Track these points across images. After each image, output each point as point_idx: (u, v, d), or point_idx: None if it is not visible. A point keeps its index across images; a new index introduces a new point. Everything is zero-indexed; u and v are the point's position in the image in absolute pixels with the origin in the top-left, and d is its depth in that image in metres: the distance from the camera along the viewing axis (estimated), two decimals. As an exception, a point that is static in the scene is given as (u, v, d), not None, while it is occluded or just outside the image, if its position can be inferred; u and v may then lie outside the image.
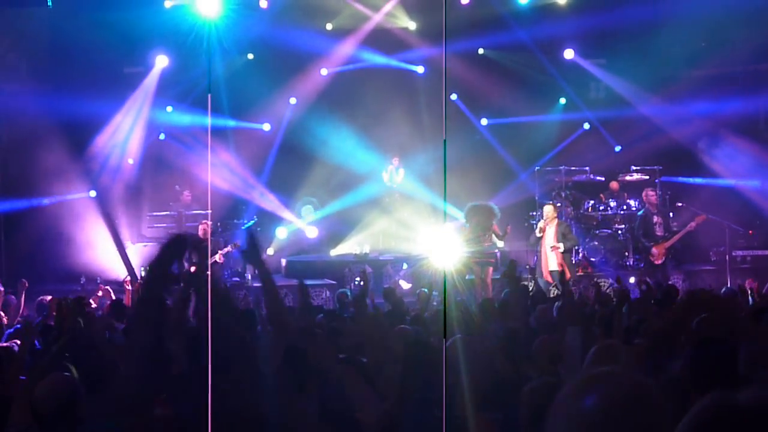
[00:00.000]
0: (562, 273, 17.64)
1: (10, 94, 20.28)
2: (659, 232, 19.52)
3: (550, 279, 18.16)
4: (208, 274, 5.68)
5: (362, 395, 6.56)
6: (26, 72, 21.29)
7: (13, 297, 14.29)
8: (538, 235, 18.69)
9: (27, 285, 14.13)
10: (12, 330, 11.00)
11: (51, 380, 5.88)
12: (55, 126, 20.54)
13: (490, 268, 18.65)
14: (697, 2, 21.03)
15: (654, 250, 19.39)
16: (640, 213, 20.34)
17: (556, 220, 18.78)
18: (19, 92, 20.46)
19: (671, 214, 21.36)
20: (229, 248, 19.32)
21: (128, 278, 17.43)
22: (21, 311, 13.77)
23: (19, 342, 9.71)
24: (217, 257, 19.01)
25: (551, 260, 18.42)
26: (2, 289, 14.36)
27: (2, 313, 13.46)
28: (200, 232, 19.46)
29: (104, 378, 6.48)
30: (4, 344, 9.79)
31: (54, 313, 10.35)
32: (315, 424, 5.87)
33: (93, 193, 22.08)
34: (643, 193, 20.91)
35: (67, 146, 21.44)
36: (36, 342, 9.33)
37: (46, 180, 21.25)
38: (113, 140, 22.49)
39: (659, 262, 19.36)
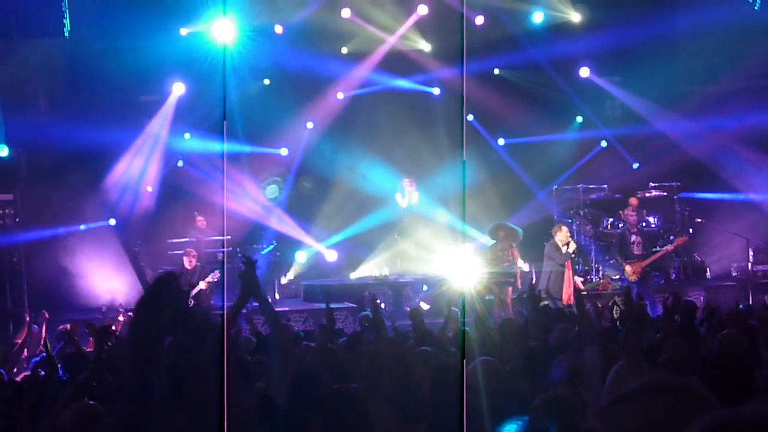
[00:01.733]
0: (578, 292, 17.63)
1: (28, 124, 20.39)
2: (637, 251, 19.37)
3: (571, 301, 18.09)
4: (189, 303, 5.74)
5: (383, 418, 6.56)
6: (44, 102, 21.43)
7: (35, 326, 14.34)
8: (572, 254, 18.55)
9: (47, 316, 14.18)
10: (38, 358, 11.05)
11: (76, 409, 5.91)
12: (74, 155, 20.64)
13: (510, 288, 18.64)
14: (712, 18, 21.01)
15: (628, 267, 19.26)
16: (619, 231, 20.26)
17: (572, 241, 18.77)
18: (37, 123, 20.58)
19: (690, 230, 21.32)
20: (212, 277, 19.35)
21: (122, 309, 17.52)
22: (42, 341, 13.81)
23: (43, 372, 9.78)
24: (202, 285, 19.04)
25: (572, 281, 18.37)
26: (28, 318, 14.42)
27: (25, 342, 13.54)
28: (186, 263, 19.52)
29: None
30: (29, 373, 9.85)
31: (74, 338, 10.38)
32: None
33: (112, 222, 22.17)
34: (622, 212, 20.91)
35: (86, 175, 21.55)
36: (60, 370, 9.37)
37: (66, 209, 21.35)
38: (131, 168, 22.57)
39: (633, 279, 19.19)
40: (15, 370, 12.05)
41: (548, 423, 5.11)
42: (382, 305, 20.69)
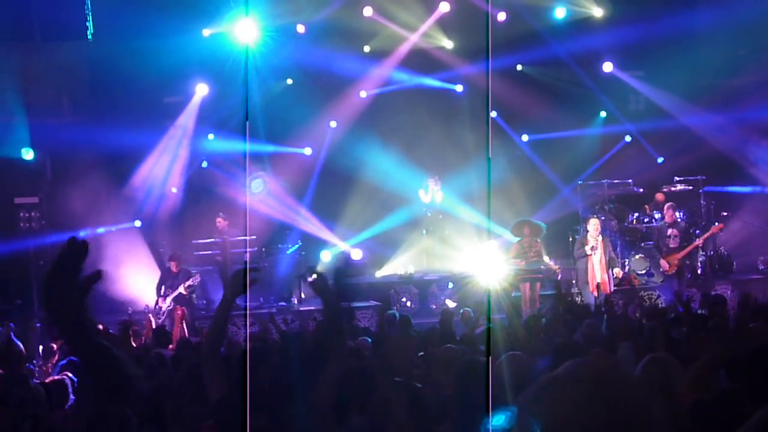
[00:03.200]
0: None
1: (52, 127, 20.47)
2: (673, 244, 19.32)
3: (596, 292, 18.08)
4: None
5: (412, 417, 6.55)
6: (68, 105, 21.49)
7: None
8: (589, 252, 18.52)
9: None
10: (65, 362, 11.08)
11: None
12: (98, 158, 20.73)
13: (538, 284, 18.66)
14: (735, 10, 20.90)
15: (662, 261, 19.23)
16: (657, 226, 20.22)
17: (601, 236, 18.71)
18: (61, 125, 20.65)
19: (716, 223, 21.27)
20: (192, 281, 19.38)
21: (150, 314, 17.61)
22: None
23: (70, 374, 9.81)
24: (182, 289, 19.06)
25: (597, 273, 18.33)
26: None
27: (54, 345, 13.59)
28: (172, 267, 19.55)
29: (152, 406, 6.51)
30: (57, 377, 9.88)
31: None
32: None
33: (138, 223, 22.25)
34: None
35: (111, 177, 21.63)
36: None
37: (91, 211, 21.40)
38: (156, 170, 22.64)
39: (671, 272, 19.18)
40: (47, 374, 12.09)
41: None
42: (408, 303, 20.70)
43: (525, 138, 24.86)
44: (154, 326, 15.37)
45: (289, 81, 23.72)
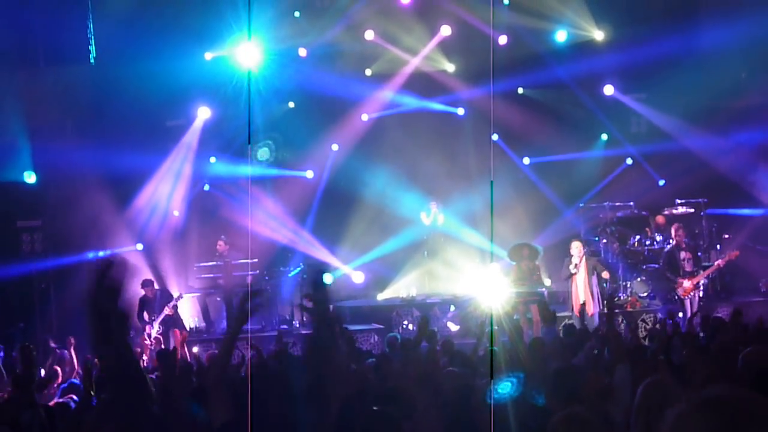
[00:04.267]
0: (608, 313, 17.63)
1: (55, 150, 20.50)
2: (688, 267, 19.32)
3: (577, 313, 18.25)
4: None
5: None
6: (71, 128, 21.53)
7: (66, 353, 14.40)
8: (573, 271, 18.62)
9: (74, 341, 14.25)
10: (66, 385, 11.09)
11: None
12: (101, 180, 20.74)
13: (536, 306, 18.69)
14: (737, 33, 20.95)
15: (686, 283, 19.19)
16: (666, 250, 20.16)
17: (583, 257, 18.74)
18: (64, 149, 20.68)
19: (718, 246, 21.30)
20: (175, 300, 19.36)
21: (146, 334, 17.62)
22: (76, 367, 13.89)
23: (74, 397, 9.83)
24: (167, 310, 19.03)
25: (581, 294, 18.43)
26: (54, 344, 14.48)
27: (58, 369, 13.61)
28: (147, 293, 19.49)
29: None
30: (60, 400, 9.90)
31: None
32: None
33: (140, 246, 22.26)
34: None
35: (113, 200, 21.63)
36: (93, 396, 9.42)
37: (93, 234, 21.43)
38: (158, 193, 22.67)
39: (686, 296, 19.16)
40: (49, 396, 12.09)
41: None
42: (410, 326, 20.69)
43: (527, 161, 24.86)
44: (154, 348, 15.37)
45: (291, 104, 23.79)
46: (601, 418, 6.24)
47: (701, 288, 19.52)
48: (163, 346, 17.94)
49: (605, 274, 19.10)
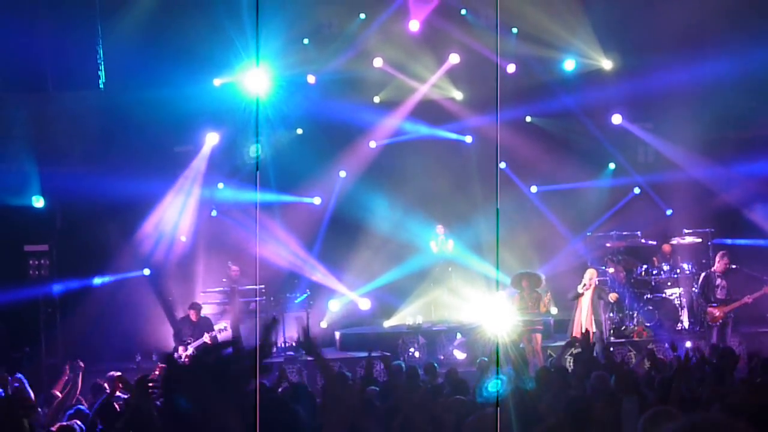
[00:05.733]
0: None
1: (63, 175, 20.53)
2: (721, 295, 19.33)
3: (578, 335, 18.24)
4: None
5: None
6: (79, 153, 21.56)
7: (70, 376, 14.36)
8: (580, 291, 18.60)
9: (83, 365, 14.24)
10: (72, 411, 11.07)
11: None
12: (108, 206, 20.73)
13: (539, 336, 18.69)
14: (745, 63, 20.96)
15: (712, 311, 19.19)
16: (704, 273, 20.16)
17: (594, 285, 18.70)
18: (72, 173, 20.70)
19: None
20: (216, 332, 19.37)
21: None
22: (78, 391, 13.85)
23: (79, 422, 9.80)
24: (206, 338, 19.02)
25: (584, 322, 18.37)
26: (68, 369, 14.44)
27: (59, 393, 13.57)
28: (192, 316, 19.55)
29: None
30: (65, 423, 9.87)
31: (117, 390, 10.45)
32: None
33: (147, 272, 22.27)
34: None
35: (121, 225, 21.66)
36: (98, 423, 9.40)
37: (101, 259, 21.46)
38: (166, 218, 22.69)
39: (716, 324, 19.16)
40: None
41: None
42: (416, 354, 20.66)
43: (534, 189, 24.85)
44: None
45: (299, 131, 23.83)
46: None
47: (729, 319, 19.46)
48: None
49: (612, 296, 19.09)
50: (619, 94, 23.35)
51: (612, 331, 20.09)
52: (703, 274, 20.13)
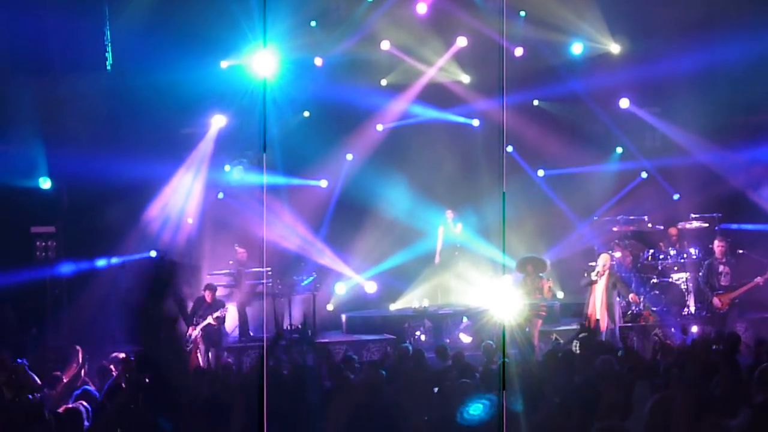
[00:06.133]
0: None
1: (70, 157, 20.51)
2: (724, 281, 19.30)
3: (592, 325, 18.17)
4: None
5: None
6: (86, 135, 21.54)
7: (77, 359, 14.39)
8: (593, 278, 18.56)
9: (79, 349, 14.27)
10: (80, 391, 11.10)
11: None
12: (115, 188, 20.70)
13: (539, 321, 18.63)
14: (754, 48, 20.90)
15: (715, 300, 19.19)
16: (707, 261, 20.14)
17: (608, 270, 18.65)
18: (79, 155, 20.68)
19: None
20: (221, 312, 19.36)
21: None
22: (84, 373, 13.88)
23: (85, 403, 9.83)
24: (210, 320, 19.02)
25: (597, 308, 18.31)
26: (79, 348, 14.46)
27: (65, 378, 13.60)
28: (207, 297, 19.54)
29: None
30: (72, 405, 9.89)
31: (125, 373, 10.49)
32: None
33: (153, 253, 22.26)
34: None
35: (127, 207, 21.63)
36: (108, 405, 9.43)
37: (107, 241, 21.45)
38: (172, 201, 22.66)
39: (722, 311, 19.15)
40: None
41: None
42: (422, 337, 20.67)
43: (541, 173, 24.83)
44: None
45: (306, 113, 23.79)
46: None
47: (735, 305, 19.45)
48: (199, 353, 18.14)
49: (633, 298, 19.08)
50: (627, 79, 23.28)
51: (625, 317, 20.06)
52: (705, 263, 20.11)
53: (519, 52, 23.17)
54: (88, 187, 20.52)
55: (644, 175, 24.43)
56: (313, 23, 22.94)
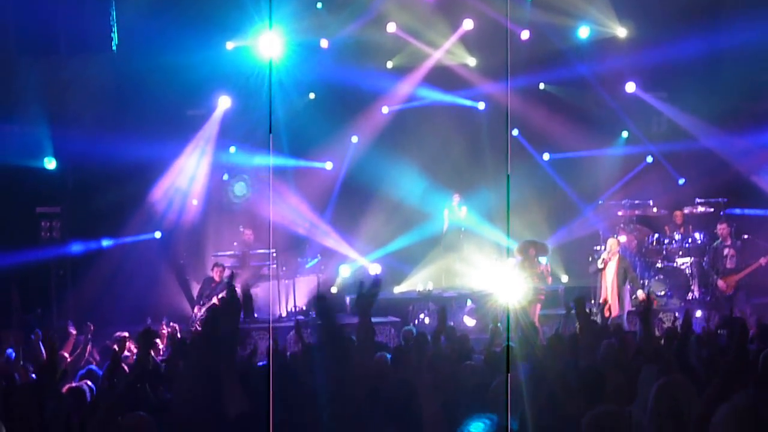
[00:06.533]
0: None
1: (75, 138, 20.51)
2: (730, 264, 19.33)
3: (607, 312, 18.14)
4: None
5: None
6: (91, 116, 21.53)
7: (81, 338, 14.41)
8: (600, 266, 18.61)
9: (93, 328, 14.29)
10: (84, 371, 11.11)
11: (131, 420, 5.95)
12: (120, 169, 20.69)
13: (538, 305, 18.61)
14: (760, 33, 20.84)
15: (720, 282, 19.22)
16: (713, 245, 20.18)
17: (618, 255, 18.68)
18: (84, 136, 20.68)
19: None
20: (225, 293, 19.34)
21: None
22: (88, 353, 13.90)
23: (89, 383, 9.84)
24: (215, 300, 19.04)
25: (608, 293, 18.33)
26: (74, 332, 14.50)
27: (67, 355, 13.61)
28: (215, 276, 19.56)
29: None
30: (75, 384, 9.90)
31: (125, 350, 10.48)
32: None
33: (158, 235, 22.28)
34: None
35: (132, 188, 21.63)
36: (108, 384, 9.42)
37: (112, 222, 21.46)
38: (177, 182, 22.67)
39: (728, 294, 19.18)
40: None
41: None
42: (426, 320, 20.68)
43: (546, 157, 24.81)
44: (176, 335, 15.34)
45: (312, 95, 23.76)
46: (626, 419, 6.22)
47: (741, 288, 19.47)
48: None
49: (640, 294, 19.05)
50: (633, 63, 23.27)
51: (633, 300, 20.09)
52: (711, 246, 20.15)
53: (525, 35, 23.12)
54: (94, 167, 20.52)
55: (650, 159, 24.42)
56: (319, 5, 22.88)
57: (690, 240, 21.58)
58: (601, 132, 24.27)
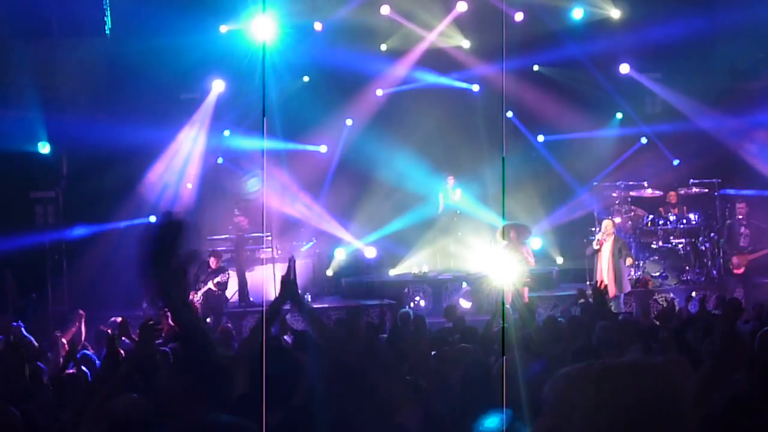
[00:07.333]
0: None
1: (69, 122, 20.49)
2: (744, 243, 19.42)
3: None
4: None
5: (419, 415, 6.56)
6: (85, 100, 21.51)
7: (76, 323, 14.42)
8: (596, 247, 18.66)
9: (84, 314, 14.29)
10: (79, 356, 11.11)
11: (124, 402, 5.94)
12: (114, 153, 20.67)
13: (525, 288, 18.58)
14: (754, 13, 20.84)
15: (735, 259, 19.30)
16: (727, 222, 20.27)
17: (613, 236, 18.71)
18: (78, 120, 20.66)
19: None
20: (221, 278, 19.36)
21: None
22: (83, 338, 13.91)
23: (84, 368, 9.84)
24: (211, 285, 19.06)
25: (604, 273, 18.37)
26: (83, 312, 14.49)
27: (65, 341, 13.61)
28: (211, 263, 19.56)
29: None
30: (72, 371, 9.91)
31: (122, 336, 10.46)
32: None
33: (153, 218, 22.27)
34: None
35: (126, 173, 21.62)
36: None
37: (107, 206, 21.44)
38: (171, 166, 22.66)
39: (738, 272, 19.27)
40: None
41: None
42: (421, 302, 20.70)
43: (541, 138, 24.78)
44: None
45: (306, 78, 23.74)
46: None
47: (714, 269, 19.55)
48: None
49: (629, 261, 19.09)
50: (627, 44, 23.25)
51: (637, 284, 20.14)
52: (727, 222, 20.27)
53: (519, 16, 23.06)
54: (88, 152, 20.51)
55: (644, 140, 24.39)
56: (312, -12, 22.84)
57: (685, 221, 21.58)
58: (595, 113, 24.26)
